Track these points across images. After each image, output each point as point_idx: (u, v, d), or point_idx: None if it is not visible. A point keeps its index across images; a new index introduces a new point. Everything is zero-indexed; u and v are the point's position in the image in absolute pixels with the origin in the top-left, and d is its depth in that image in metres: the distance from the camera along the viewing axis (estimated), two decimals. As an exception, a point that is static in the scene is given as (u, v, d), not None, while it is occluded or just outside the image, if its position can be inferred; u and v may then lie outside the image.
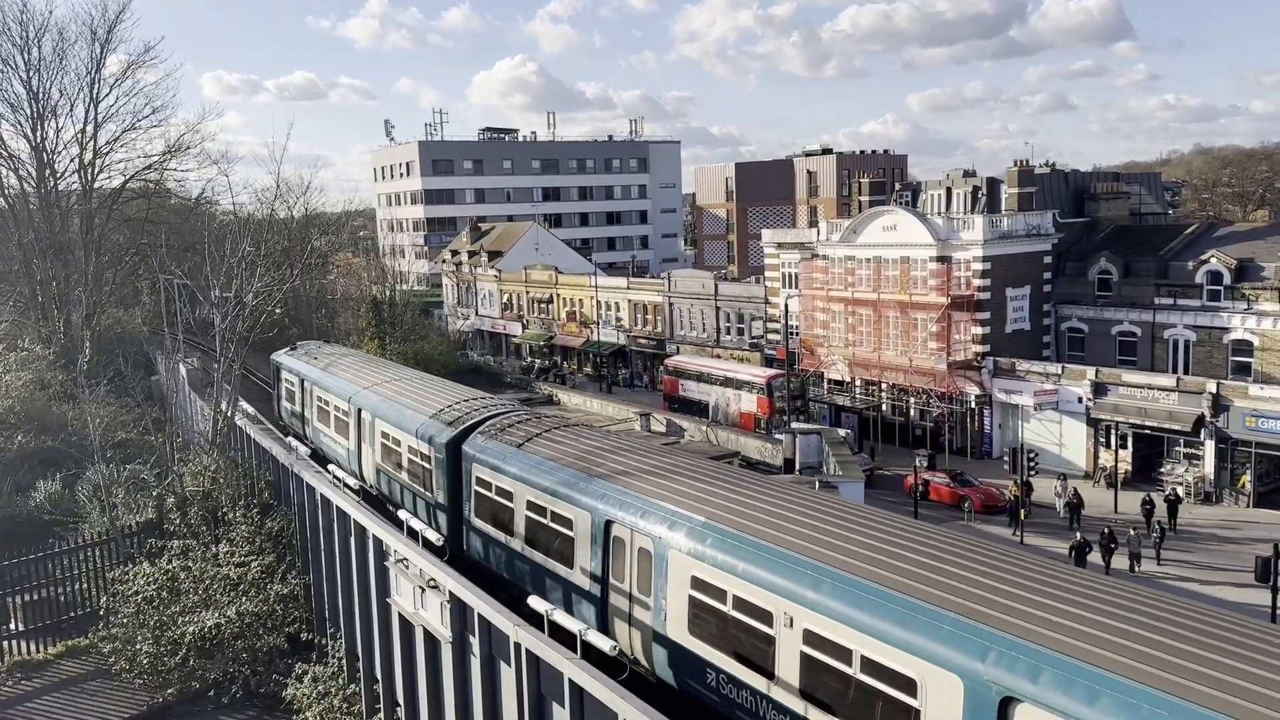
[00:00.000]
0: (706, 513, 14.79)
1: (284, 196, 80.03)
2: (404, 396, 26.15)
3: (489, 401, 24.50)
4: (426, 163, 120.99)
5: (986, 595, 11.10)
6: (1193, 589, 31.87)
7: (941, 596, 11.21)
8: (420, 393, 26.40)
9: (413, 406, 24.87)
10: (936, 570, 11.91)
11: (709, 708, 14.14)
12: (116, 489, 30.73)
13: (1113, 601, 10.63)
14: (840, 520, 13.98)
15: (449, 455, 21.71)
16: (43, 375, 45.39)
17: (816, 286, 56.98)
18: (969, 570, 11.81)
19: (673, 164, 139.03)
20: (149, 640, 24.07)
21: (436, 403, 24.59)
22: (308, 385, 33.48)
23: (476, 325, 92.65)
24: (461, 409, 23.42)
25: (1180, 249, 49.34)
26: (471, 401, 24.51)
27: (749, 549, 13.53)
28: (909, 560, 12.27)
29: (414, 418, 23.97)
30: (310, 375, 33.44)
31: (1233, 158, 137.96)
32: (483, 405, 23.76)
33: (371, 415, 26.71)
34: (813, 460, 40.61)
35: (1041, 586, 11.20)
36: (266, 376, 70.14)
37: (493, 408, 23.49)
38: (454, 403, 24.20)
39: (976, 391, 50.13)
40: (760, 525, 14.03)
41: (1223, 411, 41.58)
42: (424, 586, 17.02)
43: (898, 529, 13.67)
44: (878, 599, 11.55)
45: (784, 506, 14.80)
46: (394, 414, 25.19)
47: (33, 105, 52.98)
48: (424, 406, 24.50)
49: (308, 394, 33.43)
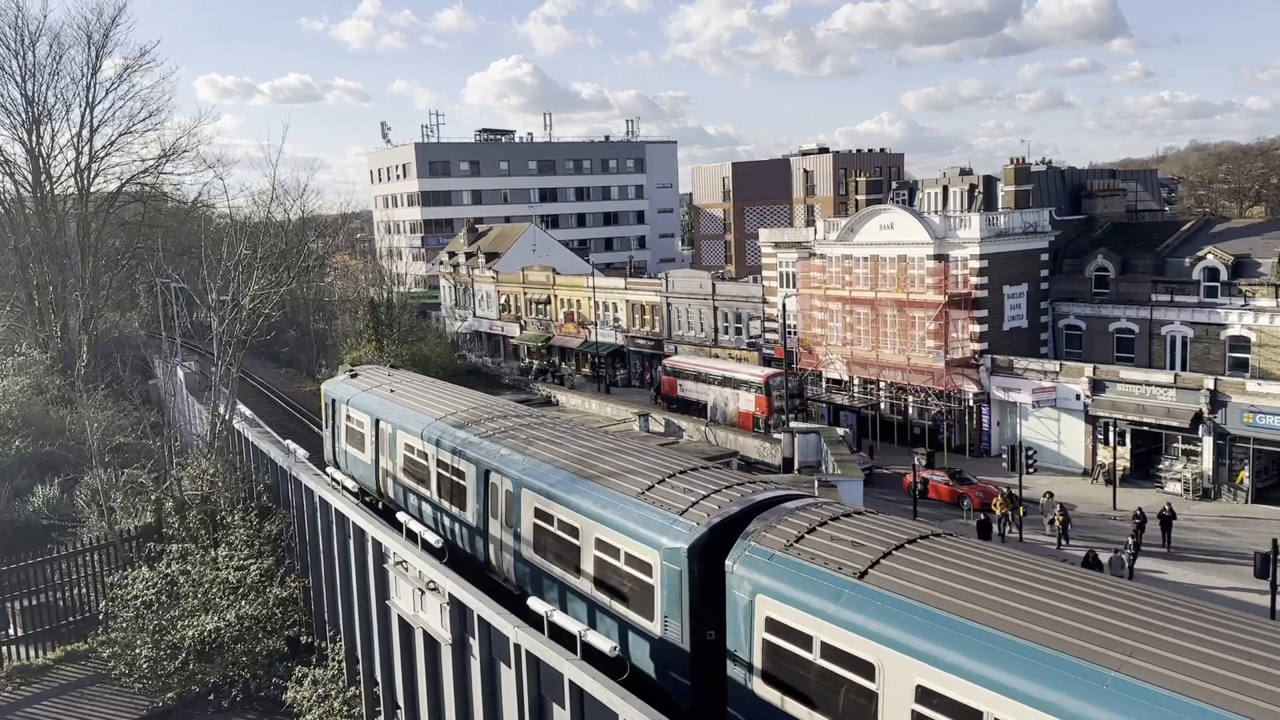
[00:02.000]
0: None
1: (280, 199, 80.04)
2: (584, 459, 18.65)
3: (744, 481, 16.51)
4: (423, 164, 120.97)
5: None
6: (1191, 585, 31.89)
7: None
8: (611, 456, 18.65)
9: (608, 480, 17.31)
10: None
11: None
12: (115, 493, 30.68)
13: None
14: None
15: (696, 570, 14.48)
16: (40, 380, 45.30)
17: (814, 285, 56.99)
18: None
19: (669, 164, 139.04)
20: (148, 644, 24.05)
21: (646, 471, 17.30)
22: (387, 429, 26.05)
23: (474, 326, 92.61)
24: (691, 486, 16.10)
25: (1177, 246, 49.38)
26: (708, 477, 16.71)
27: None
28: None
29: (613, 499, 16.55)
30: (395, 417, 25.78)
31: (1229, 154, 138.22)
32: (732, 483, 16.21)
33: (513, 484, 19.31)
34: (811, 459, 40.67)
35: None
36: (265, 379, 70.50)
37: (764, 488, 16.10)
38: (677, 472, 16.86)
39: (974, 389, 50.16)
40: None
41: (1220, 408, 41.62)
42: (423, 589, 17.01)
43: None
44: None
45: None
46: (574, 490, 17.57)
47: (28, 110, 52.91)
48: (628, 479, 17.07)
49: (385, 439, 26.11)
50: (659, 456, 19.07)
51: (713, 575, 14.32)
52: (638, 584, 15.57)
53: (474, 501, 20.98)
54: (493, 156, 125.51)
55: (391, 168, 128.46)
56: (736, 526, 14.49)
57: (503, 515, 19.88)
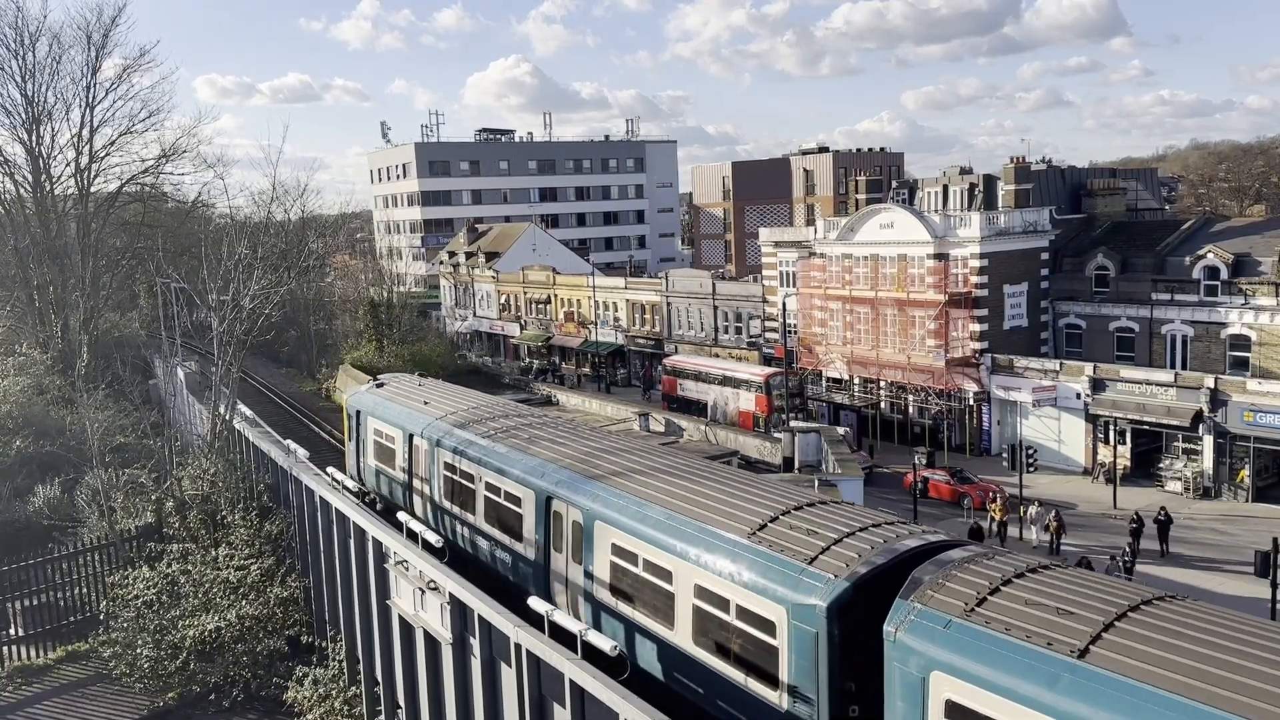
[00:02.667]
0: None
1: (280, 199, 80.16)
2: (669, 487, 16.50)
3: (879, 523, 13.99)
4: (423, 164, 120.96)
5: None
6: (1191, 584, 31.89)
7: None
8: (701, 483, 16.52)
9: (705, 514, 15.12)
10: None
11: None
12: (115, 493, 30.69)
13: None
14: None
15: (838, 633, 12.35)
16: (40, 380, 45.31)
17: (814, 285, 56.98)
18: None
19: (669, 163, 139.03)
20: (149, 644, 24.05)
21: (751, 504, 15.14)
22: (423, 445, 23.79)
23: (474, 326, 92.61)
24: (815, 526, 13.81)
25: (1177, 244, 49.37)
26: (832, 515, 14.37)
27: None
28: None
29: (715, 539, 14.35)
30: (433, 431, 23.46)
31: (1229, 153, 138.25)
32: (865, 524, 13.84)
33: (583, 515, 17.07)
34: (811, 459, 40.67)
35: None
36: (265, 379, 70.52)
37: (910, 533, 13.70)
38: (791, 508, 14.64)
39: (975, 388, 50.15)
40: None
41: (1221, 406, 41.61)
42: (424, 588, 17.02)
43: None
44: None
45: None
46: (664, 526, 15.33)
47: (28, 110, 52.95)
48: (731, 513, 14.92)
49: (420, 456, 23.89)
50: (765, 488, 16.45)
51: (857, 640, 12.23)
52: (753, 645, 13.25)
53: (533, 532, 18.72)
54: (492, 156, 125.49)
55: (391, 167, 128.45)
56: (886, 581, 12.30)
57: (569, 550, 17.54)
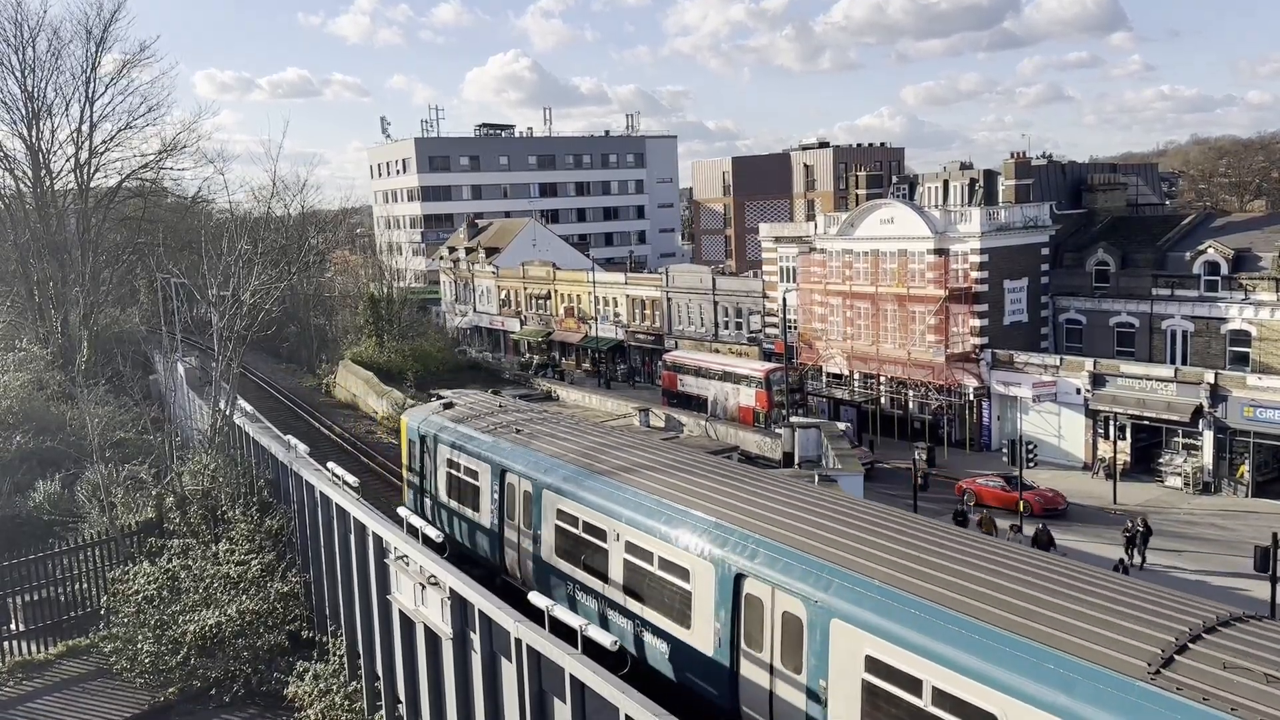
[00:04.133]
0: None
1: (280, 194, 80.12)
2: (939, 566, 12.47)
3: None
4: (423, 159, 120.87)
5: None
6: (1189, 579, 31.92)
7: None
8: (992, 565, 12.42)
9: (1023, 621, 10.92)
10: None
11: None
12: (115, 488, 30.69)
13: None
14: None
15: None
16: (40, 375, 45.33)
17: (814, 280, 56.96)
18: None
19: (669, 159, 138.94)
20: (150, 639, 24.06)
21: (1113, 610, 10.90)
22: (522, 485, 19.77)
23: (475, 322, 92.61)
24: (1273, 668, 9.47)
25: (1177, 240, 49.35)
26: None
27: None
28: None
29: (1075, 673, 10.04)
30: (537, 470, 19.35)
31: (1229, 148, 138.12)
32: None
33: (805, 605, 12.95)
34: (812, 454, 40.67)
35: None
36: (265, 375, 70.54)
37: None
38: (1214, 625, 10.45)
39: (975, 384, 50.15)
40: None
41: (1221, 402, 41.62)
42: (424, 583, 17.01)
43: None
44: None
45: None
46: (958, 637, 11.09)
47: (28, 105, 52.91)
48: (1060, 620, 10.84)
49: (517, 499, 19.98)
50: (1127, 590, 11.69)
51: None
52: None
53: (714, 619, 14.28)
54: (492, 151, 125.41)
55: (391, 163, 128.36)
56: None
57: (776, 651, 13.25)
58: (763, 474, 18.43)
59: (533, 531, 19.23)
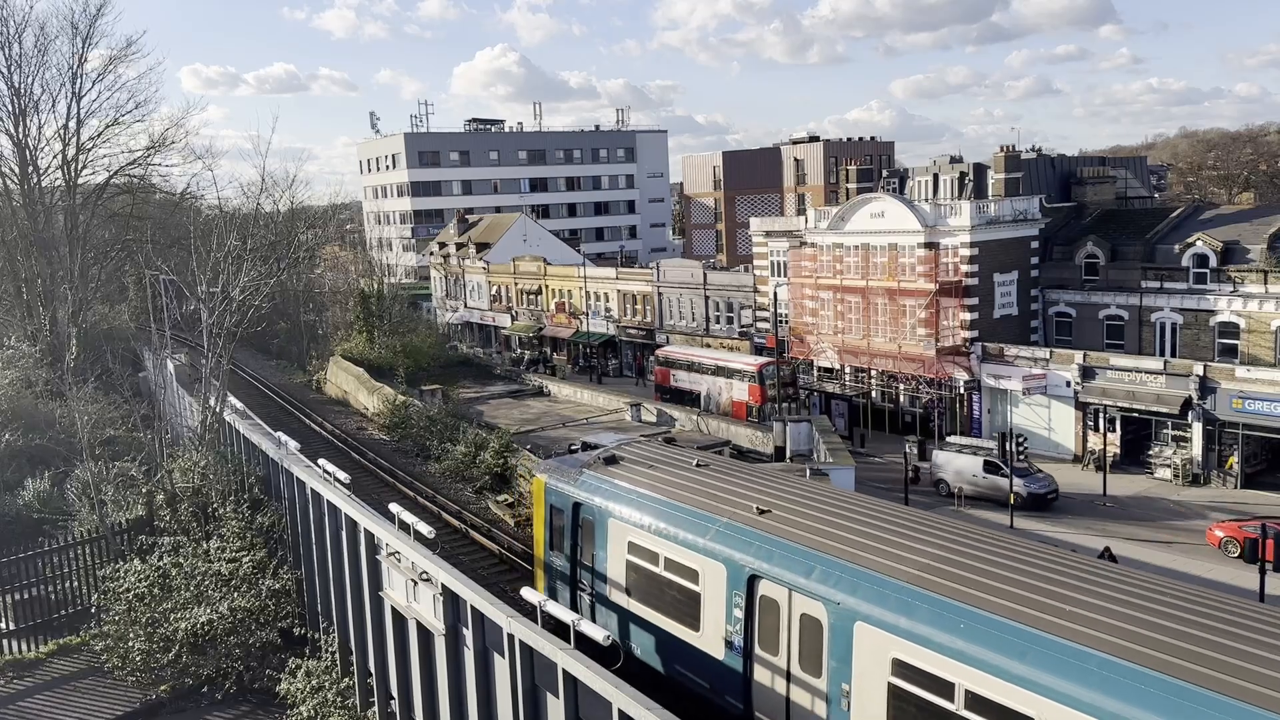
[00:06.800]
0: None
1: (269, 190, 79.74)
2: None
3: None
4: (412, 154, 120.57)
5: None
6: (1179, 570, 32.09)
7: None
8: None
9: None
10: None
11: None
12: (105, 486, 30.57)
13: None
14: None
15: None
16: (29, 373, 45.07)
17: (805, 274, 57.02)
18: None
19: (660, 153, 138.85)
20: (141, 637, 23.98)
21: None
22: (781, 599, 13.50)
23: (465, 317, 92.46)
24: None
25: (1166, 232, 49.53)
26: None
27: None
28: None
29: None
30: (806, 571, 13.33)
31: (1217, 140, 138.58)
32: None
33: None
34: (803, 448, 40.76)
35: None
36: (255, 371, 70.31)
37: None
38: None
39: (965, 377, 50.30)
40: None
41: (1210, 393, 41.81)
42: (416, 579, 17.00)
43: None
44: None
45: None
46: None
47: (14, 101, 52.51)
48: None
49: (779, 617, 13.63)
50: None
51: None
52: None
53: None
54: (482, 146, 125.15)
55: (381, 158, 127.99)
56: None
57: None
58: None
59: (827, 683, 12.74)
